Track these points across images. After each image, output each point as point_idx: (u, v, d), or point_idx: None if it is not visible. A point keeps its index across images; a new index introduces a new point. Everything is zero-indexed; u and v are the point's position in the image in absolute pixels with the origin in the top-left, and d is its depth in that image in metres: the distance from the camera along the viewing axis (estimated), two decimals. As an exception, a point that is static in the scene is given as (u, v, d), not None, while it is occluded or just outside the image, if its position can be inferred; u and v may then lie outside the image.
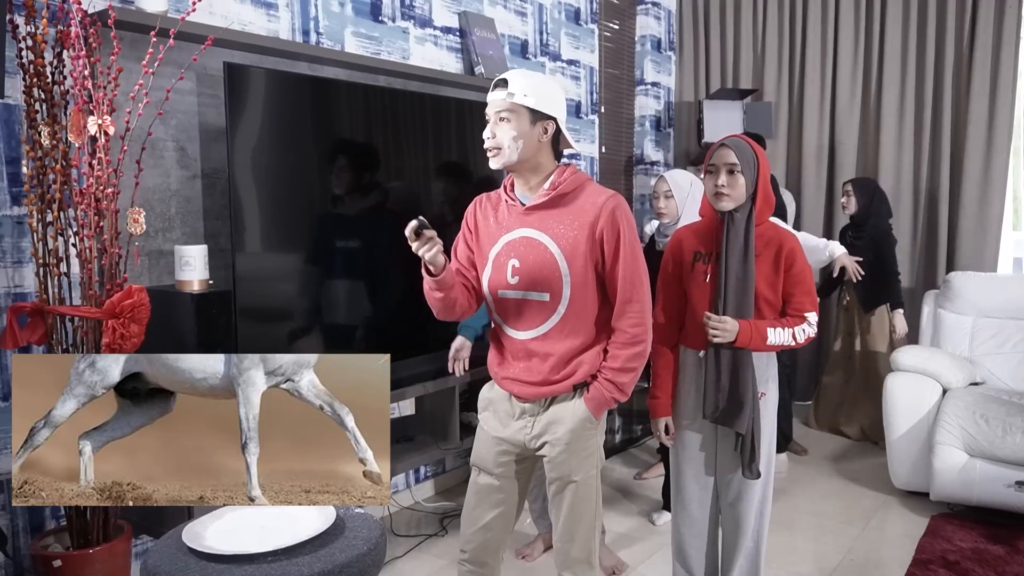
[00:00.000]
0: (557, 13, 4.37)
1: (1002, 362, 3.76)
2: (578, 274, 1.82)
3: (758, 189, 2.13)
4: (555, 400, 1.89)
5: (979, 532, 3.13)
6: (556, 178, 1.85)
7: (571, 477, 1.89)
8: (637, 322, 1.84)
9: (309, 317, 2.70)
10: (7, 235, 2.22)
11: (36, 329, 2.05)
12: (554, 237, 1.83)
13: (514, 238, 1.87)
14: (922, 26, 4.71)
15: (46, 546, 2.13)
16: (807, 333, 2.15)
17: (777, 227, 2.20)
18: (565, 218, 1.83)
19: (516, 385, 1.91)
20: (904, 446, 3.47)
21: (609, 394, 1.86)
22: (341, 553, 1.66)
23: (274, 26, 2.87)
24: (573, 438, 1.87)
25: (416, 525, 3.26)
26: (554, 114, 1.83)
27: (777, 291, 2.15)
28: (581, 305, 1.84)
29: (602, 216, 1.81)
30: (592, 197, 1.84)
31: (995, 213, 4.55)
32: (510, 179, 1.92)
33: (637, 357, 1.85)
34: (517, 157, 1.81)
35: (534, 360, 1.88)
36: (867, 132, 4.93)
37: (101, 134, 2.01)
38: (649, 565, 2.91)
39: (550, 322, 1.85)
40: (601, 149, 4.85)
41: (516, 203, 1.89)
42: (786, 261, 2.14)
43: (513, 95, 1.78)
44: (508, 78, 1.79)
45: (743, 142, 2.14)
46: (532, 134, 1.80)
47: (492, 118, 1.82)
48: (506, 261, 1.88)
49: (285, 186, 2.58)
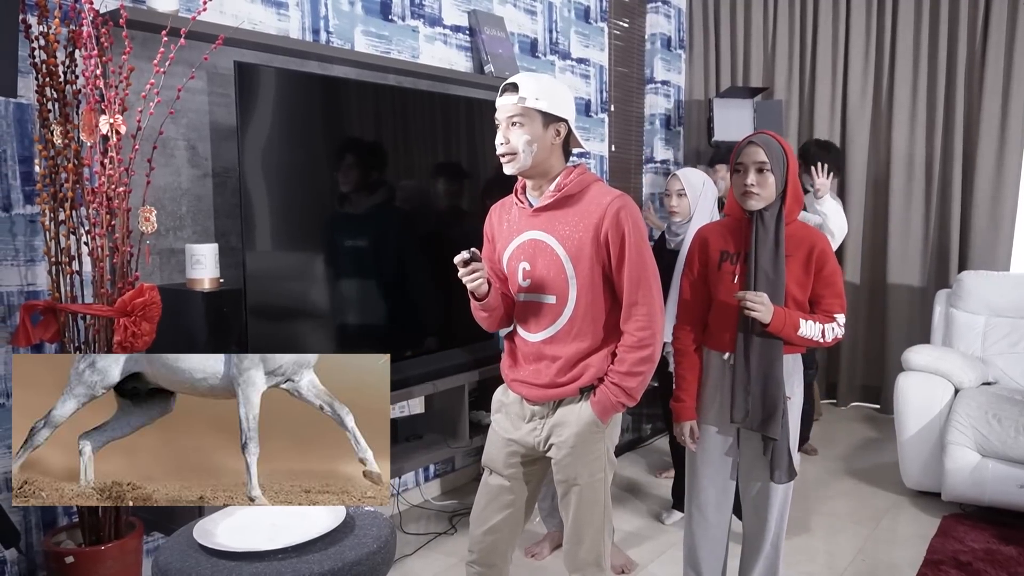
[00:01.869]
0: (567, 11, 4.36)
1: (1015, 361, 3.73)
2: (584, 276, 1.81)
3: (788, 187, 2.07)
4: (562, 403, 1.88)
5: (991, 533, 3.11)
6: (562, 179, 1.84)
7: (576, 480, 1.89)
8: (644, 325, 1.81)
9: (320, 315, 2.71)
10: (20, 234, 2.23)
11: (48, 327, 2.06)
12: (559, 239, 1.82)
13: (524, 240, 1.87)
14: (934, 22, 4.68)
15: (58, 542, 2.15)
16: (835, 333, 2.11)
17: (808, 227, 2.15)
18: (571, 219, 1.82)
19: (525, 388, 1.91)
20: (916, 446, 3.45)
21: (615, 398, 1.84)
22: (351, 551, 1.66)
23: (284, 25, 2.87)
24: (579, 441, 1.86)
25: (425, 523, 3.27)
26: (565, 116, 1.82)
27: (807, 292, 2.11)
28: (588, 307, 1.83)
29: (607, 217, 1.79)
30: (597, 198, 1.82)
31: (1008, 211, 4.52)
32: (522, 182, 1.91)
33: (645, 361, 1.82)
34: (532, 161, 1.80)
35: (543, 363, 1.88)
36: (878, 130, 4.90)
37: (113, 133, 2.02)
38: (659, 564, 2.91)
39: (557, 324, 1.85)
40: (611, 148, 4.84)
41: (526, 205, 1.88)
42: (817, 262, 2.09)
43: (525, 99, 1.76)
44: (518, 82, 1.78)
45: (772, 139, 2.08)
46: (545, 137, 1.79)
47: (504, 123, 1.80)
48: (517, 264, 1.88)
49: (295, 185, 2.58)
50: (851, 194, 4.92)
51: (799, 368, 2.21)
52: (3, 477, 2.20)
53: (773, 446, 2.10)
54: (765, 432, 2.10)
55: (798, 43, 5.07)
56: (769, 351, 2.08)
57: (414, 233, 2.95)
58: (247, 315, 2.35)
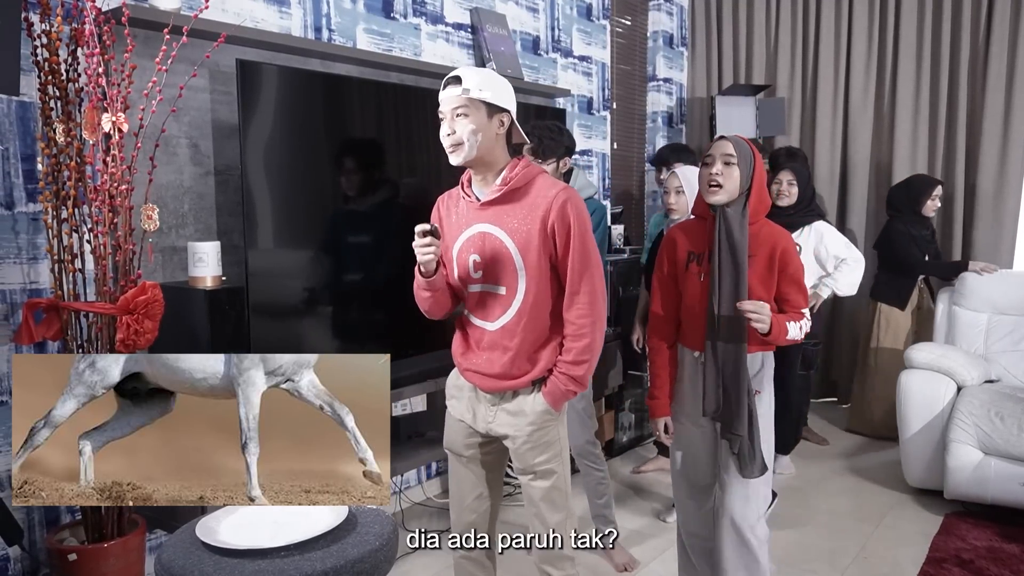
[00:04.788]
0: (569, 9, 4.36)
1: (1018, 359, 3.72)
2: (532, 267, 1.84)
3: (752, 187, 2.12)
4: (516, 393, 1.91)
5: (994, 531, 3.11)
6: (508, 173, 1.86)
7: (535, 467, 1.92)
8: (584, 313, 1.85)
9: (322, 313, 2.71)
10: (23, 231, 2.24)
11: (51, 325, 2.06)
12: (508, 232, 1.85)
13: (472, 234, 1.90)
14: (937, 19, 4.66)
15: (61, 540, 2.15)
16: (806, 327, 2.16)
17: (771, 225, 2.18)
18: (518, 212, 1.85)
19: (477, 377, 1.94)
20: (918, 444, 3.44)
21: (565, 387, 1.87)
22: (353, 548, 1.66)
23: (286, 23, 2.87)
24: (534, 430, 1.90)
25: (427, 521, 3.27)
26: (508, 107, 1.85)
27: (771, 291, 2.15)
28: (537, 299, 1.86)
29: (553, 209, 1.82)
30: (543, 191, 1.85)
31: (1011, 209, 4.51)
32: (467, 175, 1.93)
33: (587, 349, 1.86)
34: (476, 152, 1.82)
35: (496, 352, 1.90)
36: (881, 127, 4.89)
37: (115, 131, 2.02)
38: (661, 562, 2.91)
39: (507, 314, 1.88)
40: (613, 145, 4.84)
41: (472, 199, 1.90)
42: (781, 261, 2.13)
43: (469, 90, 1.79)
44: (461, 75, 1.81)
45: (742, 140, 2.15)
46: (490, 127, 1.82)
47: (448, 115, 1.82)
48: (467, 256, 1.90)
49: (297, 182, 2.59)
50: (853, 192, 4.92)
51: (770, 364, 2.24)
52: (5, 474, 2.20)
53: (740, 442, 2.14)
54: (730, 429, 2.14)
55: (800, 40, 5.06)
56: (734, 353, 2.12)
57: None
58: (249, 313, 2.35)
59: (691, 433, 2.29)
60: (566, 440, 1.98)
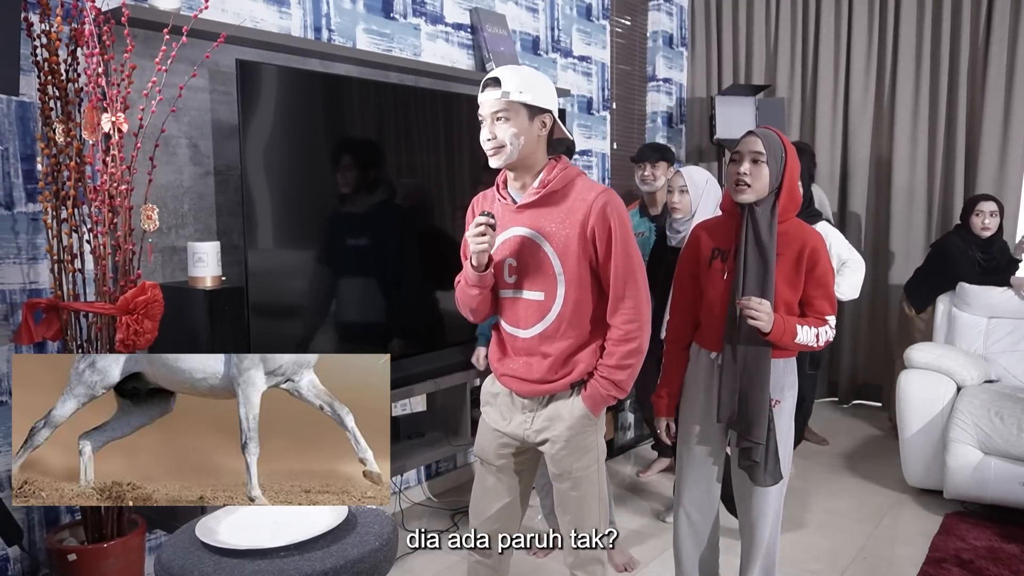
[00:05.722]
0: (569, 9, 4.36)
1: (1017, 360, 3.72)
2: (572, 272, 1.81)
3: (783, 184, 2.02)
4: (553, 398, 1.89)
5: (993, 531, 3.11)
6: (546, 175, 1.82)
7: (572, 474, 1.89)
8: (631, 318, 1.81)
9: (322, 313, 2.71)
10: (22, 232, 2.24)
11: (51, 325, 2.06)
12: (547, 236, 1.81)
13: (509, 237, 1.86)
14: (937, 20, 4.66)
15: (61, 540, 2.15)
16: (827, 336, 2.05)
17: (801, 224, 2.09)
18: (557, 216, 1.81)
19: (515, 382, 1.91)
20: (918, 444, 3.44)
21: (606, 391, 1.84)
22: (353, 548, 1.66)
23: (286, 23, 2.87)
24: (572, 435, 1.87)
25: (427, 520, 3.27)
26: (549, 107, 1.81)
27: (798, 292, 2.05)
28: (576, 304, 1.83)
29: (592, 213, 1.78)
30: (582, 194, 1.81)
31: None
32: (503, 176, 1.90)
33: (633, 354, 1.83)
34: (519, 155, 1.79)
35: (534, 358, 1.88)
36: (881, 127, 4.89)
37: (115, 131, 2.02)
38: (660, 562, 2.91)
39: (546, 320, 1.84)
40: (612, 145, 4.84)
41: (509, 201, 1.87)
42: (809, 261, 2.02)
43: (508, 93, 1.75)
44: (500, 76, 1.76)
45: (773, 133, 2.04)
46: (531, 130, 1.78)
47: (488, 119, 1.78)
48: (503, 260, 1.87)
49: (297, 182, 2.59)
50: (853, 192, 4.92)
51: (792, 372, 2.16)
52: (5, 474, 2.20)
53: (756, 450, 2.06)
54: (748, 436, 2.05)
55: (800, 40, 5.06)
56: (756, 355, 2.03)
57: (416, 231, 2.95)
58: (249, 313, 2.35)
59: (699, 438, 2.21)
60: (603, 445, 1.95)
